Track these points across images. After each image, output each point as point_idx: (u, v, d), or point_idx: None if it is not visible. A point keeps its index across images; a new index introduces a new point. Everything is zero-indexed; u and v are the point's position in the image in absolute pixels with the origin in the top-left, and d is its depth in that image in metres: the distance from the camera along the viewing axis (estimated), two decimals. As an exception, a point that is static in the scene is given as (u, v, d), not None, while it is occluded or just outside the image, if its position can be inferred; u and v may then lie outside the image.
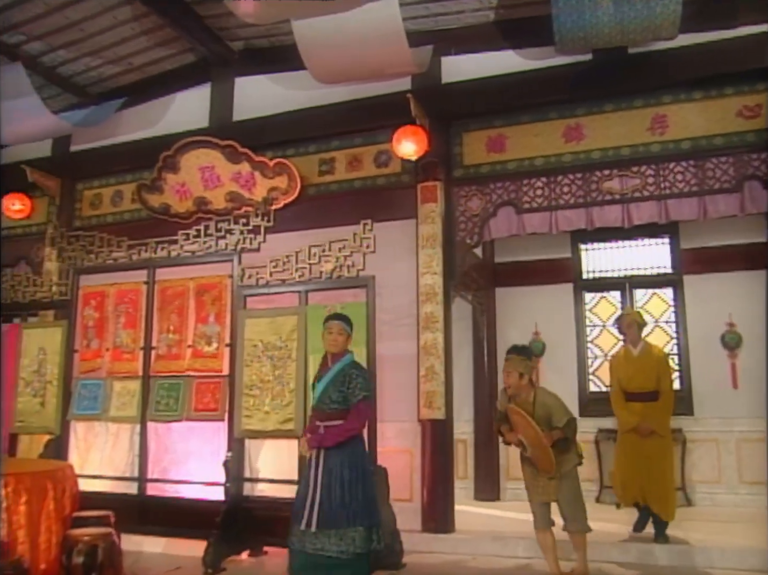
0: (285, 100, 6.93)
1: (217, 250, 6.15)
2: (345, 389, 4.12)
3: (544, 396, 4.67)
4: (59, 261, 7.31)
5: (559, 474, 4.55)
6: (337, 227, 5.99)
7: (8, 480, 3.87)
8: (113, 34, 6.99)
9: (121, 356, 6.40)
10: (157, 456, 6.28)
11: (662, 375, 5.64)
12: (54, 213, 8.04)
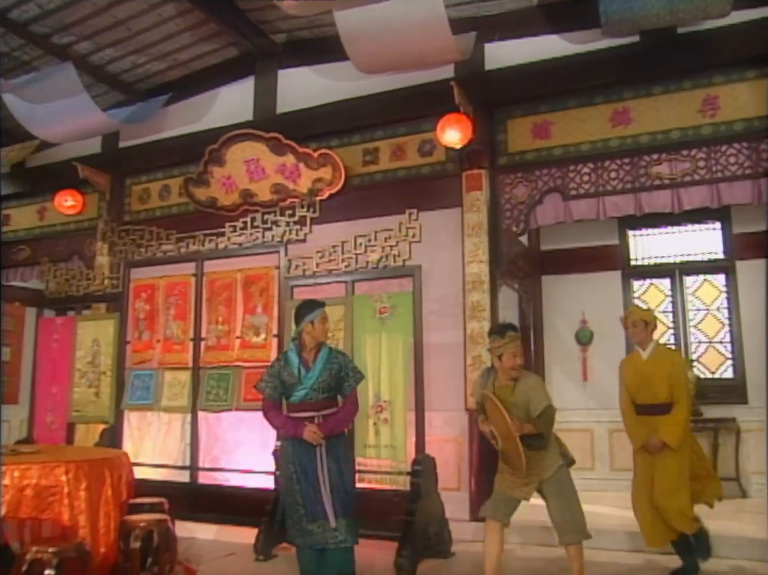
0: (328, 91, 6.96)
1: (264, 241, 6.23)
2: (340, 375, 4.09)
3: (526, 380, 4.12)
4: (110, 255, 7.48)
5: (539, 479, 4.04)
6: (382, 217, 6.01)
7: (69, 467, 3.97)
8: (158, 31, 7.10)
9: (171, 347, 6.53)
10: (207, 445, 6.40)
11: (676, 383, 4.64)
12: (104, 208, 8.21)
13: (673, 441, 4.60)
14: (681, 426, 4.62)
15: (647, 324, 4.79)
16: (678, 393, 4.64)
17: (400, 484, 5.40)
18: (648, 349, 4.80)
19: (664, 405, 4.66)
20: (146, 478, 5.84)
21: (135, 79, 8.03)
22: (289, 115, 7.17)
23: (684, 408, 4.65)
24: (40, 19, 6.79)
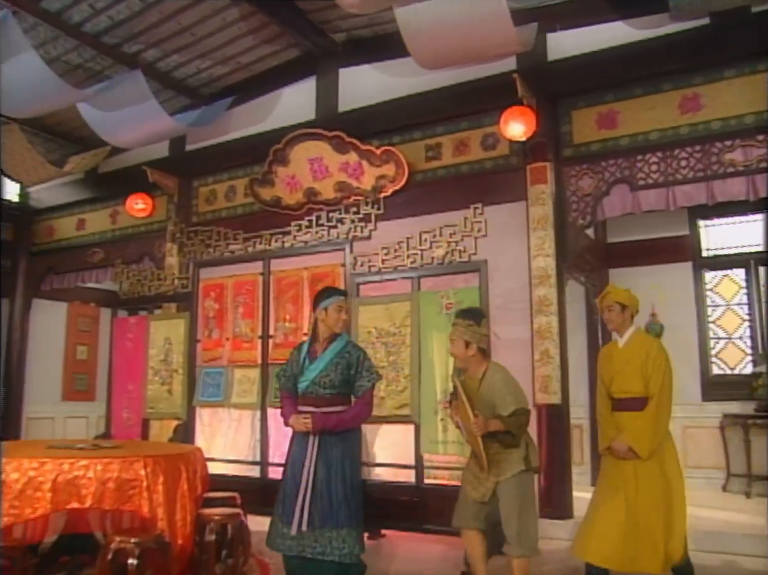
0: (389, 88, 6.96)
1: (329, 239, 6.29)
2: (350, 373, 3.76)
3: (494, 374, 3.87)
4: (180, 255, 7.66)
5: (495, 479, 3.76)
6: (447, 212, 5.99)
7: (147, 462, 4.08)
8: (222, 36, 7.23)
9: (240, 345, 6.66)
10: (277, 440, 6.49)
11: (653, 374, 4.05)
12: (173, 210, 8.42)
13: (639, 447, 3.94)
14: (650, 429, 3.96)
15: (624, 307, 4.22)
16: (653, 385, 4.04)
17: (467, 479, 5.38)
18: (625, 336, 4.24)
19: (637, 400, 4.07)
20: (218, 473, 5.97)
21: (200, 83, 8.21)
22: (351, 113, 7.21)
23: (656, 407, 3.98)
24: (111, 30, 7.01)
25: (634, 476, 3.95)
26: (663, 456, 3.99)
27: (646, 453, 3.92)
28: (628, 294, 4.28)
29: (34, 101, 6.62)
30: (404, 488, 5.79)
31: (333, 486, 3.62)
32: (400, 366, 5.65)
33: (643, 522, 3.86)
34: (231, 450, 6.80)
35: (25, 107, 6.87)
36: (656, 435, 3.96)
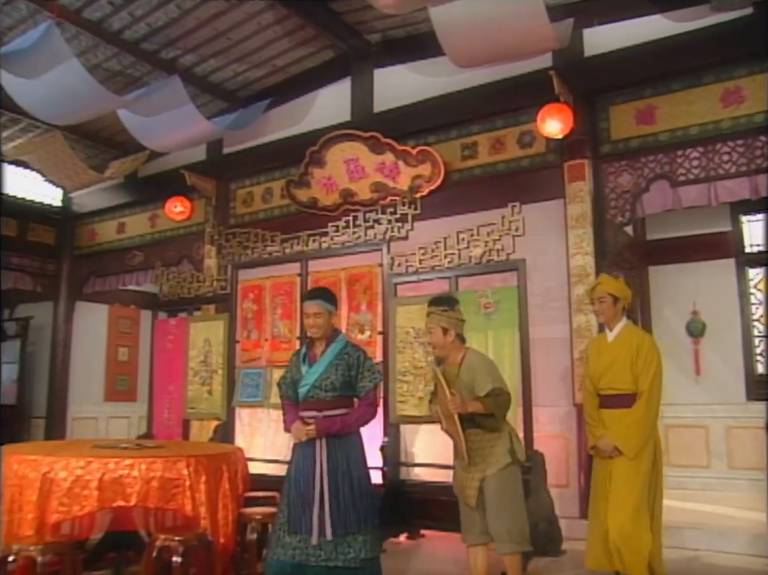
0: (424, 87, 6.96)
1: (366, 239, 6.31)
2: (351, 374, 3.62)
3: (472, 359, 3.80)
4: (218, 257, 7.75)
5: (482, 475, 3.66)
6: (484, 211, 5.97)
7: (190, 461, 4.14)
8: (257, 39, 7.30)
9: (279, 346, 6.70)
10: (317, 440, 6.53)
11: (643, 370, 3.87)
12: (211, 213, 8.52)
13: (624, 446, 3.78)
14: (637, 427, 3.80)
15: (616, 299, 4.04)
16: (642, 383, 3.86)
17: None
18: (615, 330, 4.06)
19: (626, 397, 3.90)
20: (258, 473, 6.02)
21: (236, 87, 8.30)
22: (387, 113, 7.23)
23: (645, 404, 3.82)
24: (149, 36, 7.13)
25: (616, 474, 3.83)
26: (647, 455, 3.84)
27: (633, 453, 3.78)
28: (620, 286, 4.12)
29: (76, 108, 6.76)
30: (443, 488, 5.74)
31: (341, 492, 3.52)
32: (438, 366, 5.63)
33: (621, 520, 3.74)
34: (270, 449, 6.85)
35: (68, 114, 7.02)
36: (644, 433, 3.82)
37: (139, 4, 6.60)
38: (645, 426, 3.84)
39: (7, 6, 6.50)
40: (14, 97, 6.54)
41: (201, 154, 8.73)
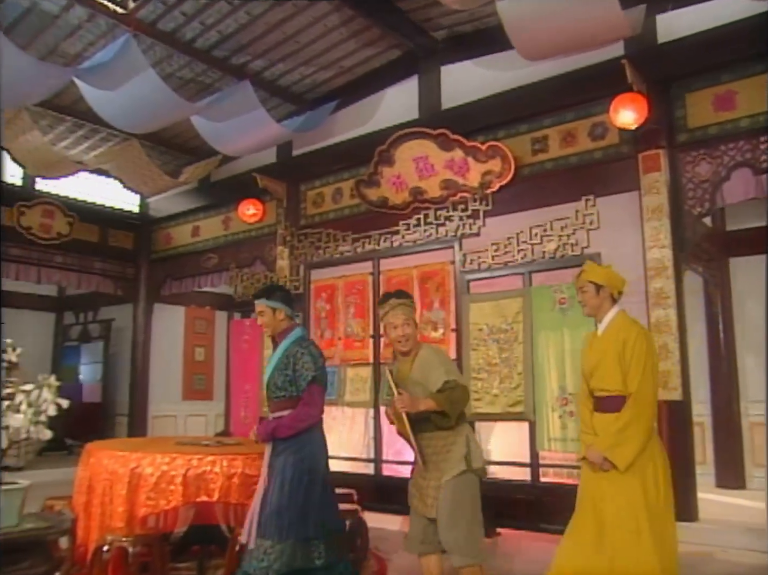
0: (492, 82, 6.89)
1: (438, 237, 6.31)
2: (291, 372, 3.44)
3: (424, 353, 3.52)
4: (291, 258, 7.88)
5: (437, 482, 3.37)
6: (557, 205, 5.88)
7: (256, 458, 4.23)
8: (324, 41, 7.36)
9: (352, 344, 6.78)
10: (390, 438, 6.57)
11: (631, 367, 3.40)
12: (282, 214, 8.63)
13: (614, 456, 3.32)
14: (624, 435, 3.32)
15: (599, 288, 3.62)
16: (630, 383, 3.39)
17: (586, 479, 5.26)
18: (604, 322, 3.64)
19: (615, 399, 3.43)
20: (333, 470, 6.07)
21: (304, 89, 8.40)
22: (455, 109, 7.18)
23: (633, 408, 3.34)
24: (220, 43, 7.29)
25: (610, 492, 3.35)
26: (645, 468, 3.34)
27: (624, 465, 3.30)
28: (604, 273, 3.74)
29: (152, 117, 6.98)
30: (520, 486, 5.73)
31: (270, 495, 3.37)
32: (513, 363, 5.59)
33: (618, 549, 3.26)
34: (345, 447, 6.92)
35: (145, 123, 7.25)
36: (633, 442, 3.31)
37: (210, 12, 6.75)
38: (635, 434, 3.32)
39: (88, 23, 6.77)
40: (95, 108, 6.79)
41: (271, 156, 8.87)
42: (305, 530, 3.30)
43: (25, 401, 2.25)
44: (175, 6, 6.61)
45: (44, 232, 9.68)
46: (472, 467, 3.37)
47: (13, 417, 2.20)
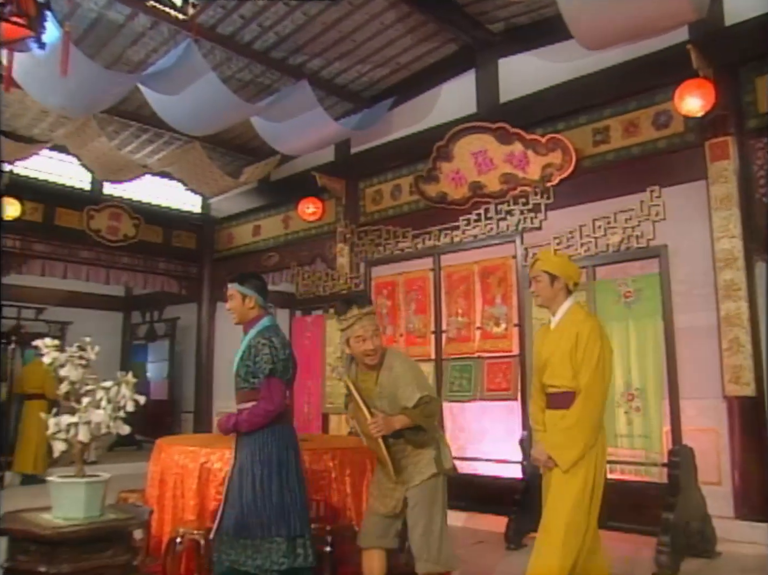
0: (551, 73, 6.79)
1: (499, 232, 6.26)
2: (252, 363, 3.30)
3: (392, 361, 3.29)
4: (351, 255, 7.94)
5: (405, 487, 3.25)
6: (620, 197, 5.76)
7: (335, 454, 4.29)
8: (380, 39, 7.38)
9: (414, 340, 6.79)
10: (453, 434, 6.56)
11: (582, 362, 3.22)
12: (341, 212, 8.71)
13: (559, 455, 3.19)
14: (570, 433, 3.19)
15: (554, 278, 3.42)
16: (581, 379, 3.21)
17: (654, 476, 5.17)
18: (558, 314, 3.44)
19: (565, 396, 3.26)
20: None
21: (361, 87, 8.44)
22: (513, 102, 7.12)
23: (581, 405, 3.18)
24: (278, 44, 7.38)
25: (551, 489, 3.25)
26: (586, 470, 3.19)
27: (568, 465, 3.17)
28: (559, 262, 3.53)
29: (214, 119, 7.13)
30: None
31: (244, 492, 3.24)
32: (578, 359, 5.49)
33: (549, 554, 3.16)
34: (407, 443, 6.93)
35: (206, 125, 7.41)
36: (579, 442, 3.17)
37: (268, 14, 6.84)
38: (580, 433, 3.18)
39: (151, 30, 6.95)
40: (159, 112, 6.98)
41: (329, 155, 8.95)
42: (288, 527, 3.22)
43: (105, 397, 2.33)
44: (234, 9, 6.72)
45: (112, 234, 10.00)
46: (444, 468, 3.29)
47: (95, 413, 2.29)
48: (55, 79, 5.32)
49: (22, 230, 9.19)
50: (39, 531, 2.19)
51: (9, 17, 3.34)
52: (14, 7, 3.21)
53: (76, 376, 2.43)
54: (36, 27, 3.48)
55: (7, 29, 3.44)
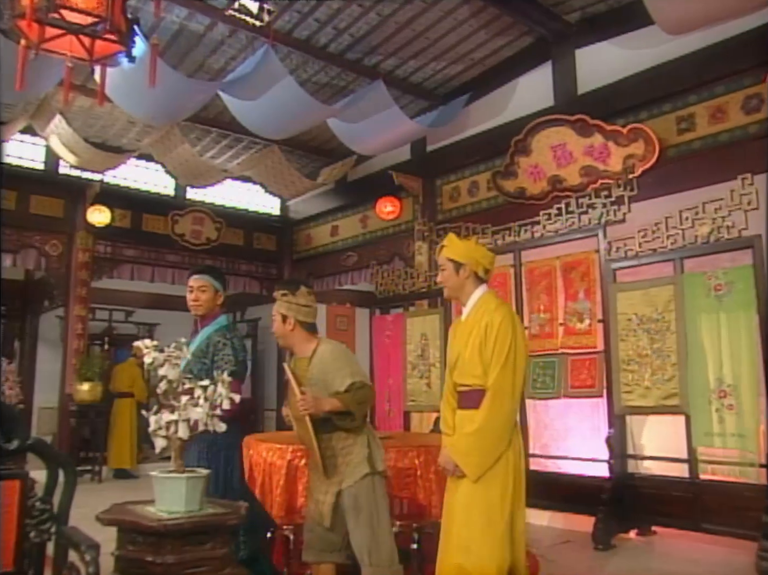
0: (631, 62, 6.60)
1: (580, 226, 6.15)
2: (209, 361, 3.27)
3: (325, 349, 3.21)
4: (430, 253, 7.95)
5: (337, 488, 3.14)
6: (707, 186, 5.54)
7: (420, 452, 4.30)
8: (454, 35, 7.34)
9: (496, 337, 6.73)
10: (536, 432, 6.48)
11: (492, 358, 2.92)
12: (419, 210, 8.72)
13: (465, 463, 2.90)
14: (476, 438, 2.90)
15: (459, 266, 3.11)
16: (490, 376, 2.92)
17: (751, 477, 4.95)
18: (468, 305, 3.14)
19: (475, 395, 2.96)
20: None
21: (436, 84, 8.43)
22: (592, 93, 6.94)
23: (487, 408, 2.89)
24: (353, 46, 7.45)
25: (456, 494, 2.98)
26: (496, 478, 2.91)
27: (476, 474, 2.88)
28: (465, 247, 3.20)
29: (292, 122, 7.28)
30: (676, 483, 5.46)
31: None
32: (666, 354, 5.34)
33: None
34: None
35: (284, 129, 7.56)
36: (488, 448, 2.89)
37: (342, 17, 6.92)
38: (489, 438, 2.89)
39: (229, 38, 7.15)
40: (239, 118, 7.17)
41: (406, 153, 8.98)
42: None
43: (203, 395, 2.42)
44: (309, 13, 6.83)
45: (195, 238, 10.33)
46: (377, 469, 3.19)
47: (194, 411, 2.37)
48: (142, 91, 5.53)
49: (113, 236, 9.62)
50: (146, 523, 2.30)
51: (102, 35, 3.50)
52: (108, 25, 3.35)
53: (173, 375, 2.53)
54: (127, 42, 3.63)
55: (100, 46, 3.61)
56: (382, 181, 8.82)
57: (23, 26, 3.26)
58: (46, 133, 7.81)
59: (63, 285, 9.45)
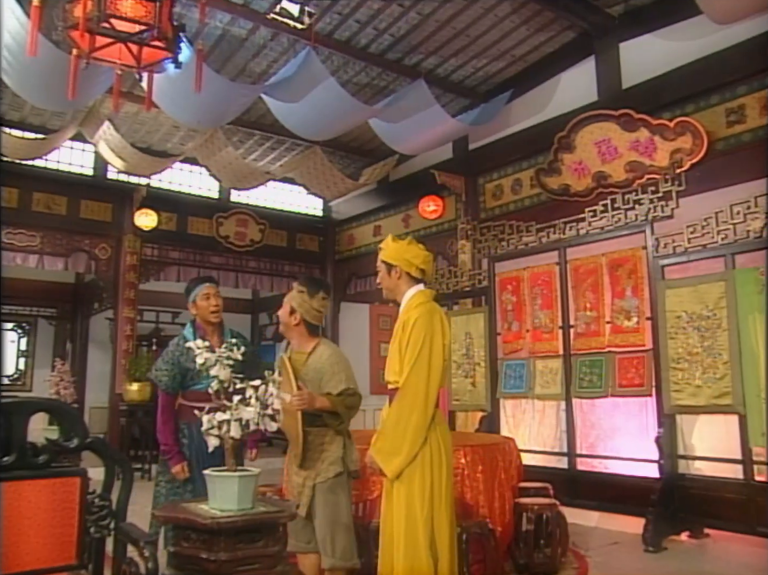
0: (677, 54, 6.47)
1: (627, 222, 6.05)
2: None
3: (325, 350, 3.36)
4: (473, 251, 7.92)
5: (312, 482, 3.27)
6: (759, 180, 5.39)
7: (466, 451, 4.29)
8: (495, 32, 7.31)
9: (540, 336, 6.67)
10: (583, 431, 6.40)
11: (406, 355, 2.93)
12: (461, 209, 8.72)
13: (380, 461, 2.92)
14: (387, 438, 2.92)
15: (391, 267, 3.16)
16: (403, 374, 2.91)
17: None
18: (402, 304, 3.16)
19: (395, 393, 2.99)
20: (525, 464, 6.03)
21: (477, 82, 8.39)
22: (636, 87, 6.83)
23: (396, 407, 2.92)
24: (393, 46, 7.47)
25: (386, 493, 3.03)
26: (413, 477, 2.89)
27: (393, 473, 2.89)
28: (395, 248, 3.20)
29: (334, 123, 7.32)
30: (730, 484, 5.33)
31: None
32: (717, 352, 5.22)
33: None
34: (535, 440, 6.83)
35: (326, 130, 7.61)
36: (400, 447, 2.87)
37: (383, 17, 6.93)
38: (401, 436, 2.87)
39: (271, 41, 7.22)
40: (281, 120, 7.23)
41: (448, 152, 8.96)
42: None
43: (254, 395, 2.45)
44: (350, 15, 6.86)
45: (239, 239, 10.47)
46: (350, 469, 3.35)
47: (246, 410, 2.41)
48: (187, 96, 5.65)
49: (159, 239, 9.81)
50: (200, 521, 2.34)
51: (150, 42, 3.58)
52: (155, 32, 3.42)
53: (224, 376, 2.57)
54: (173, 48, 3.71)
55: (148, 53, 3.69)
56: (424, 180, 8.82)
57: (76, 36, 3.35)
58: (95, 139, 8.01)
59: (112, 287, 9.68)
